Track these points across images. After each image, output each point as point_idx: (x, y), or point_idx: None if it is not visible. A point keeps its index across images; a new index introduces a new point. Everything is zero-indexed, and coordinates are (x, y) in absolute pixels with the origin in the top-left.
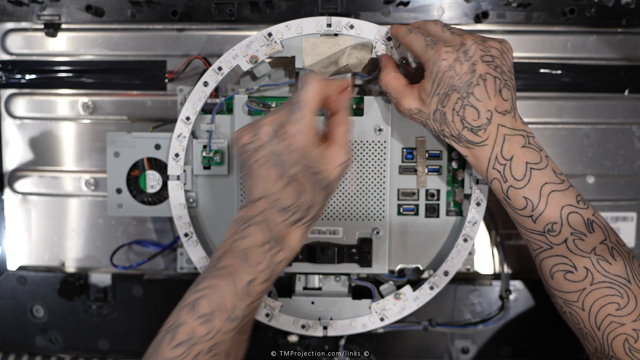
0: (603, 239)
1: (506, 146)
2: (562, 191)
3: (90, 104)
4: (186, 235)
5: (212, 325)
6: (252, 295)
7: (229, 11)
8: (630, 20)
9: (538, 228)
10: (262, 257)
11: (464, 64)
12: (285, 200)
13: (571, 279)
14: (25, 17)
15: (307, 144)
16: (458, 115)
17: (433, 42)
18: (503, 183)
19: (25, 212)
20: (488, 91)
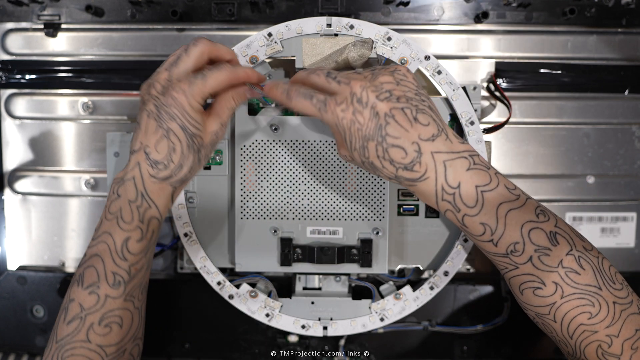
0: (569, 250)
1: (450, 173)
2: (519, 208)
3: (90, 104)
4: (186, 235)
5: (98, 293)
6: (130, 255)
7: (229, 11)
8: (630, 20)
9: (500, 251)
10: (134, 213)
11: (364, 112)
12: (157, 154)
13: (541, 294)
14: (25, 17)
15: (188, 105)
16: (385, 160)
17: (322, 103)
18: (457, 213)
19: (25, 212)
20: (402, 125)
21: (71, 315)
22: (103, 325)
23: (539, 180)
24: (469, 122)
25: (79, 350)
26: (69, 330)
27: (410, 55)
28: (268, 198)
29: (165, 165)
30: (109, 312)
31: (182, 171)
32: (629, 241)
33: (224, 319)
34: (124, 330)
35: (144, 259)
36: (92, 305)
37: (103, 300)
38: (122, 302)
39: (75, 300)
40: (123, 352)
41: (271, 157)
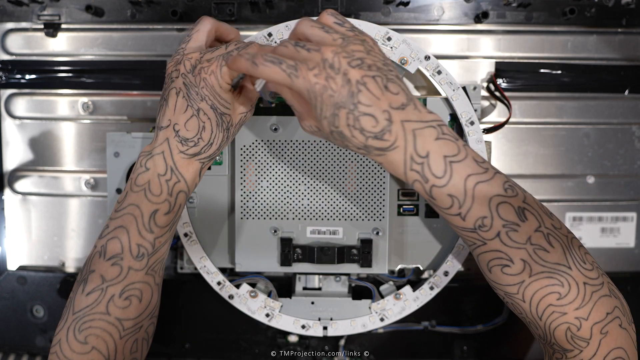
0: (537, 226)
1: (419, 142)
2: (487, 181)
3: (90, 104)
4: (186, 235)
5: (121, 265)
6: (157, 227)
7: (229, 11)
8: (630, 20)
9: (468, 225)
10: (163, 186)
11: (336, 78)
12: (186, 132)
13: (509, 272)
14: (25, 17)
15: (217, 86)
16: (355, 129)
17: (293, 68)
18: (425, 184)
19: (25, 212)
20: (374, 92)
21: (91, 286)
22: (123, 298)
23: (539, 180)
24: (469, 122)
25: (97, 323)
26: (89, 301)
27: (410, 55)
28: (268, 198)
29: (195, 142)
30: (131, 285)
31: (212, 148)
32: (629, 241)
33: (224, 319)
34: (142, 304)
35: (169, 232)
36: (115, 277)
37: (126, 272)
38: (144, 275)
39: (96, 272)
40: (139, 329)
41: (271, 157)
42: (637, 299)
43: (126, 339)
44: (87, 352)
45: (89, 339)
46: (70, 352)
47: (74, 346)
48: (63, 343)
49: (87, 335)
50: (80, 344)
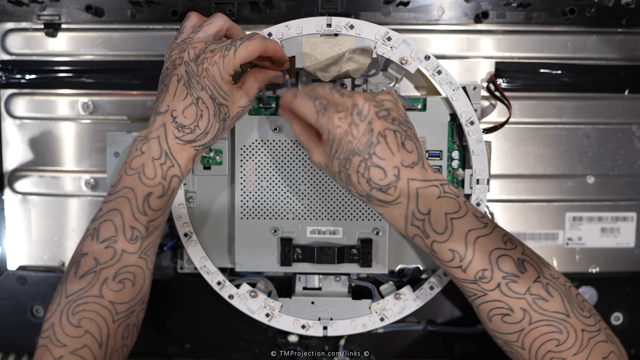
0: (536, 277)
1: (421, 200)
2: (487, 235)
3: (90, 104)
4: (186, 235)
5: (115, 247)
6: (151, 210)
7: (229, 11)
8: (630, 20)
9: (469, 277)
10: (157, 170)
11: (359, 126)
12: (184, 119)
13: (509, 321)
14: (25, 17)
15: (219, 77)
16: (363, 177)
17: (323, 106)
18: (425, 239)
19: (25, 212)
20: (391, 147)
21: (84, 269)
22: (117, 281)
23: (539, 180)
24: (469, 122)
25: (90, 306)
26: (82, 284)
27: (410, 55)
28: (268, 198)
29: (192, 129)
30: (124, 268)
31: (207, 137)
32: (629, 241)
33: (224, 319)
34: (136, 288)
35: (162, 217)
36: (108, 260)
37: (119, 254)
38: (137, 258)
39: (89, 255)
40: (131, 314)
41: (271, 157)
42: (637, 299)
43: (119, 324)
44: (80, 335)
45: (82, 322)
46: (64, 336)
47: (67, 330)
48: (56, 327)
49: (81, 319)
50: (74, 328)
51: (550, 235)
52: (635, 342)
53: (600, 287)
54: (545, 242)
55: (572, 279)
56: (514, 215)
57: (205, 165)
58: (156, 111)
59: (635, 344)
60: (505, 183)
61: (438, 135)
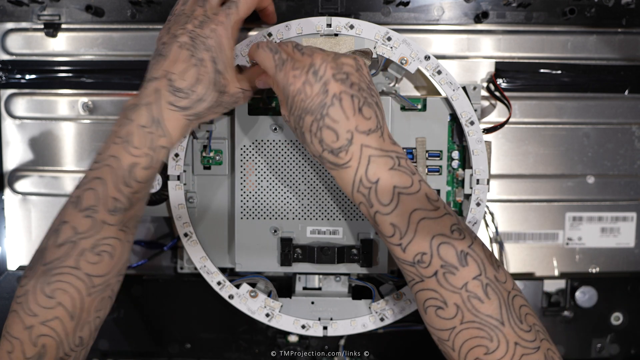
0: (477, 274)
1: (371, 168)
2: (434, 219)
3: (90, 104)
4: (186, 235)
5: (95, 217)
6: (135, 181)
7: None
8: (630, 20)
9: (408, 258)
10: (144, 139)
11: (314, 86)
12: (181, 81)
13: (442, 315)
14: (25, 17)
15: (225, 37)
16: (316, 137)
17: (282, 61)
18: (369, 208)
19: (25, 212)
20: (345, 111)
21: (63, 238)
22: (95, 253)
23: (539, 180)
24: (469, 122)
25: (66, 277)
26: (59, 253)
27: (410, 55)
28: (268, 198)
29: (187, 94)
30: (103, 240)
31: (202, 105)
32: (629, 241)
33: (224, 319)
34: (114, 261)
35: (146, 189)
36: (87, 230)
37: (99, 225)
38: (117, 230)
39: (68, 223)
40: (107, 287)
41: (271, 157)
42: (637, 299)
43: (94, 297)
44: (52, 307)
45: (56, 294)
46: (36, 305)
47: (40, 299)
48: (30, 295)
49: (55, 289)
50: (47, 298)
51: (550, 235)
52: (635, 342)
53: (600, 287)
54: (545, 242)
55: (572, 279)
56: (514, 215)
57: (205, 165)
58: (148, 78)
59: (635, 344)
60: (505, 183)
61: (438, 135)
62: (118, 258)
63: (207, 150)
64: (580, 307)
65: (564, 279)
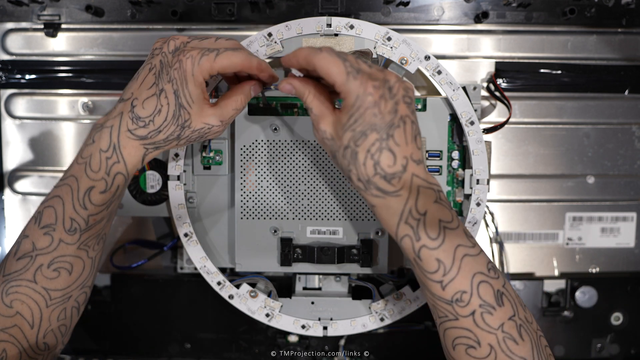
0: (512, 315)
1: (421, 199)
2: (474, 256)
3: (90, 104)
4: (186, 235)
5: (53, 236)
6: (91, 205)
7: (229, 11)
8: (630, 20)
9: (446, 296)
10: (102, 163)
11: (388, 102)
12: (142, 110)
13: (473, 354)
14: (25, 17)
15: (190, 73)
16: (372, 159)
17: (355, 70)
18: (415, 242)
19: (25, 212)
20: (407, 136)
21: (22, 251)
22: (52, 269)
23: (539, 180)
24: (469, 122)
25: (23, 289)
26: (18, 266)
27: (410, 55)
28: (268, 198)
29: (145, 123)
30: (60, 257)
31: (158, 137)
32: (629, 241)
33: (224, 319)
34: (72, 277)
35: (105, 211)
36: (45, 247)
37: (56, 243)
38: (76, 249)
39: (29, 237)
40: (68, 298)
41: (271, 157)
42: (637, 299)
43: (53, 308)
44: (11, 315)
45: (14, 304)
46: None
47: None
48: None
49: (13, 300)
50: (6, 307)
51: (550, 235)
52: (635, 342)
53: (600, 287)
54: (545, 242)
55: (572, 279)
56: (514, 215)
57: (205, 165)
58: (120, 98)
59: (635, 344)
60: (505, 183)
61: (438, 135)
62: (78, 273)
63: (207, 150)
64: (580, 307)
65: (564, 279)
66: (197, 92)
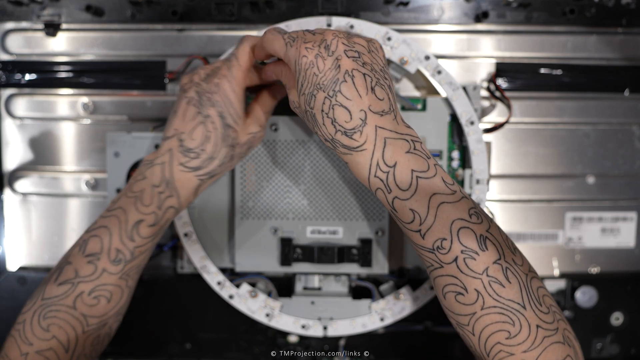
0: (497, 258)
1: (388, 151)
2: (452, 203)
3: (90, 104)
4: (186, 235)
5: (97, 265)
6: (139, 237)
7: (229, 11)
8: (630, 20)
9: (427, 245)
10: (154, 198)
11: (326, 60)
12: (191, 141)
13: (462, 301)
14: (25, 17)
15: (230, 90)
16: (328, 117)
17: (292, 39)
18: (387, 193)
19: (25, 212)
20: (358, 89)
21: (64, 277)
22: (92, 297)
23: (539, 180)
24: (469, 122)
25: (62, 315)
26: (58, 292)
27: (410, 55)
28: (268, 198)
29: (197, 154)
30: (102, 286)
31: (213, 164)
32: (629, 241)
33: (224, 319)
34: (111, 305)
35: (151, 243)
36: (88, 275)
37: (100, 273)
38: (117, 279)
39: (72, 265)
40: (104, 325)
41: (271, 157)
42: (637, 299)
43: (89, 334)
44: (47, 339)
45: (51, 328)
46: (32, 335)
47: (36, 330)
48: (27, 325)
49: (50, 324)
50: (43, 331)
51: (550, 235)
52: (635, 342)
53: (600, 287)
54: (545, 242)
55: (572, 279)
56: (514, 215)
57: None
58: (164, 137)
59: (635, 344)
60: (505, 183)
61: (438, 135)
62: (116, 302)
63: None
64: (580, 307)
65: (564, 279)
66: (242, 107)
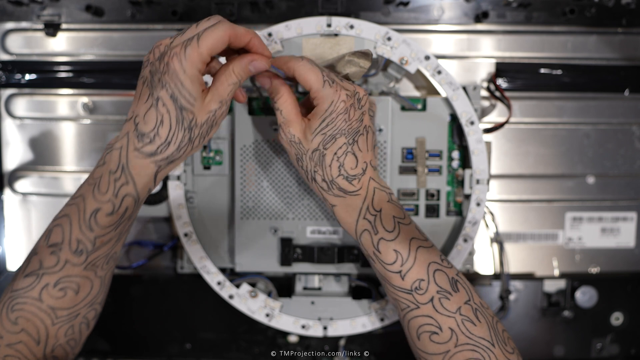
0: (467, 299)
1: (376, 198)
2: (427, 248)
3: (90, 104)
4: (186, 235)
5: (59, 256)
6: (98, 227)
7: (229, 11)
8: (630, 20)
9: (405, 286)
10: (110, 185)
11: (356, 112)
12: (145, 125)
13: (436, 340)
14: (25, 17)
15: (180, 70)
16: (337, 161)
17: (331, 79)
18: (374, 235)
19: (25, 212)
20: (368, 144)
21: (30, 269)
22: (58, 289)
23: (539, 180)
24: (469, 122)
25: (29, 307)
26: (25, 284)
27: (410, 55)
28: (268, 198)
29: (151, 138)
30: (66, 277)
31: (169, 149)
32: (629, 241)
33: (224, 319)
34: (79, 296)
35: (113, 232)
36: (51, 266)
37: (62, 264)
38: (82, 270)
39: (37, 255)
40: (76, 316)
41: (271, 157)
42: (637, 299)
43: (60, 325)
44: (16, 332)
45: (19, 321)
46: (2, 328)
47: (5, 324)
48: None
49: (18, 317)
50: (11, 323)
51: (550, 235)
52: (635, 342)
53: (600, 287)
54: (545, 242)
55: (572, 279)
56: (514, 215)
57: (205, 165)
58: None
59: (635, 344)
60: (505, 183)
61: (438, 135)
62: (85, 293)
63: (207, 150)
64: (580, 307)
65: (564, 279)
66: (196, 87)
